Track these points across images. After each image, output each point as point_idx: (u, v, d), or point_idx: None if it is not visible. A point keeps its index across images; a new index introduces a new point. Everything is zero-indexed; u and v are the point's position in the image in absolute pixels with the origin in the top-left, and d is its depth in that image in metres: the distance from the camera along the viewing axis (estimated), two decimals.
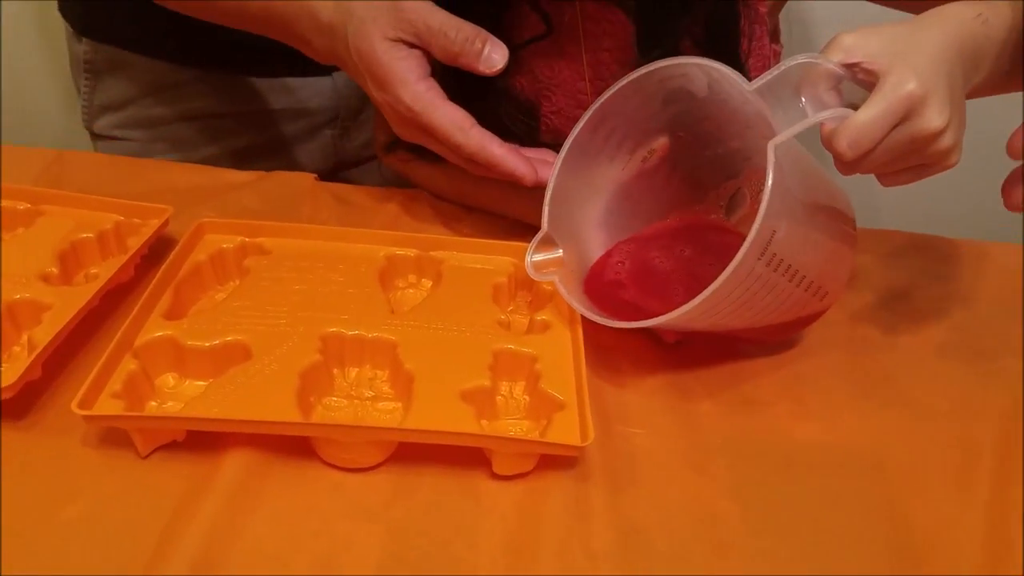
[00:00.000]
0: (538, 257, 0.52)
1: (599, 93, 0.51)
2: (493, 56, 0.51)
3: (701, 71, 0.48)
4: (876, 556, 0.41)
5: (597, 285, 0.54)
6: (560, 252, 0.52)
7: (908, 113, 0.42)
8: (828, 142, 0.43)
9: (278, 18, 0.57)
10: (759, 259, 0.43)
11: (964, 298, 0.62)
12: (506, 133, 0.55)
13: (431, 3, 0.53)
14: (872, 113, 0.42)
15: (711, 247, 0.56)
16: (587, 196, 0.56)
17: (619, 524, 0.41)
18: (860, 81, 0.44)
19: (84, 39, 0.77)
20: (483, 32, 0.51)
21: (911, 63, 0.43)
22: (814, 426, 0.49)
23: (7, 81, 1.15)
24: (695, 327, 0.49)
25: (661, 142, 0.56)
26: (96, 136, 0.82)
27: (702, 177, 0.57)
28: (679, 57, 0.48)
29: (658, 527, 0.41)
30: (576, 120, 0.52)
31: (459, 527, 0.40)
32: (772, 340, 0.55)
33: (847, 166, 0.44)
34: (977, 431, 0.49)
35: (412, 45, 0.53)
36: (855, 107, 0.43)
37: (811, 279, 0.48)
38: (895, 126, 0.43)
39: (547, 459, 0.43)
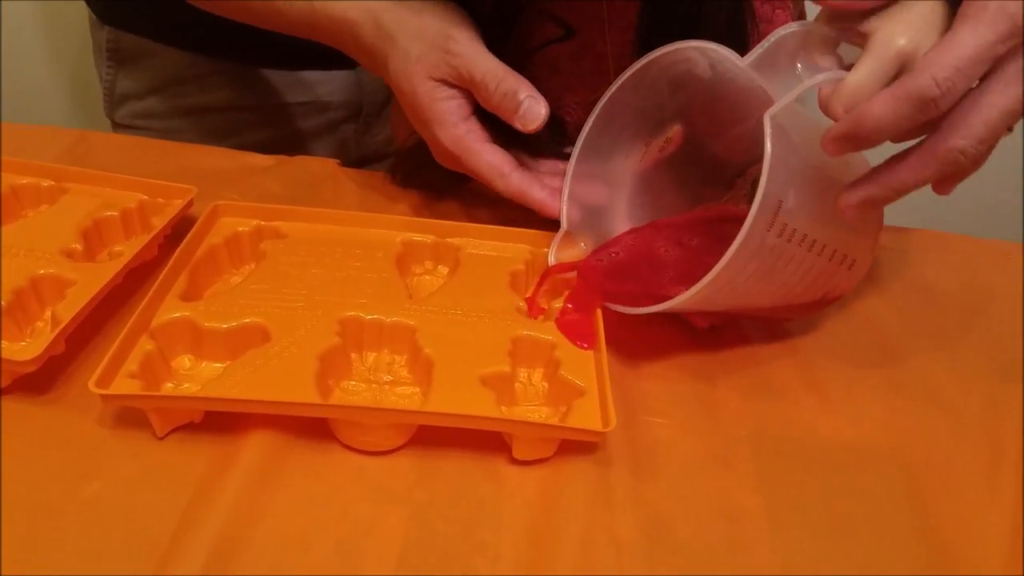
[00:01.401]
0: (562, 254, 0.51)
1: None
2: (530, 113, 0.51)
3: (700, 54, 0.48)
4: (901, 553, 0.41)
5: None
6: (583, 246, 0.52)
7: (900, 70, 0.41)
8: (825, 107, 0.42)
9: (322, 29, 0.57)
10: (768, 231, 0.42)
11: (987, 295, 0.61)
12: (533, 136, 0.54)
13: (480, 46, 0.52)
14: (862, 72, 0.40)
15: (725, 237, 0.56)
16: (607, 193, 0.56)
17: (643, 514, 0.41)
18: (855, 44, 0.43)
19: (107, 27, 0.77)
20: (525, 86, 0.51)
21: (901, 19, 0.41)
22: (839, 420, 0.48)
23: (11, 73, 1.14)
24: (720, 307, 0.48)
25: (675, 129, 0.55)
26: (116, 125, 0.82)
27: (726, 163, 0.57)
28: (674, 43, 0.48)
29: (682, 518, 0.41)
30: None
31: (482, 512, 0.40)
32: (808, 314, 0.54)
33: (852, 138, 0.41)
34: (1004, 428, 0.49)
35: (455, 86, 0.53)
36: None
37: (833, 248, 0.47)
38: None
39: (568, 446, 0.43)
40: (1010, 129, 0.41)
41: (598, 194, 0.56)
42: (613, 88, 0.52)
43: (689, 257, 0.54)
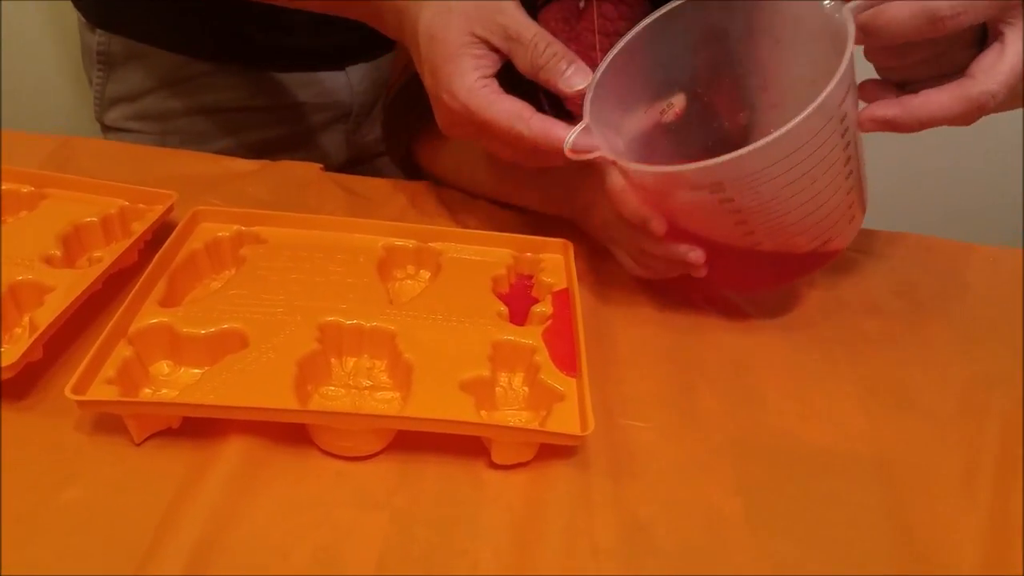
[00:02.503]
0: (578, 141, 0.49)
1: (606, 51, 0.50)
2: (575, 78, 0.50)
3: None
4: (879, 557, 0.41)
5: None
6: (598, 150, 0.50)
7: None
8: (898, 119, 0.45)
9: None
10: (840, 105, 0.43)
11: (969, 300, 0.62)
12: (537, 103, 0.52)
13: (527, 15, 0.51)
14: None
15: None
16: (614, 136, 0.55)
17: (623, 518, 0.41)
18: None
19: (97, 30, 0.76)
20: (570, 53, 0.50)
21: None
22: (818, 425, 0.48)
23: (14, 72, 1.14)
24: (763, 196, 0.45)
25: (678, 97, 0.54)
26: (107, 128, 0.82)
27: (727, 141, 0.56)
28: None
29: (662, 522, 0.41)
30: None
31: (462, 516, 0.40)
32: (809, 270, 0.54)
33: (898, 126, 0.45)
34: (981, 434, 0.49)
35: (493, 48, 0.51)
36: None
37: (853, 183, 0.47)
38: None
39: (547, 450, 0.43)
40: None
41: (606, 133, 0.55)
42: (640, 27, 0.50)
43: None
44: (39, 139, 0.67)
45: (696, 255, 0.50)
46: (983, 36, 0.45)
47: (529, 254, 0.56)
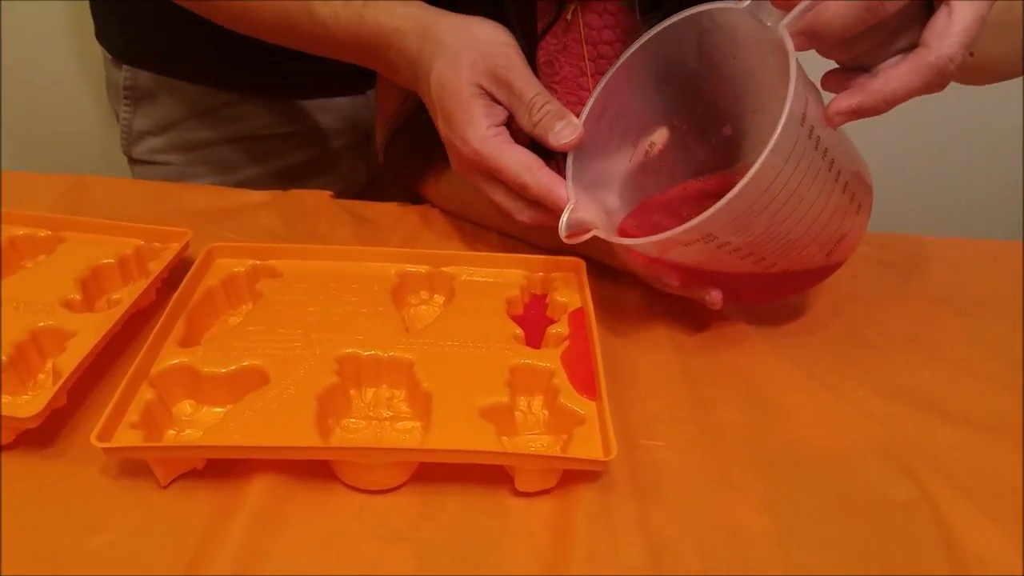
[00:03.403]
0: (572, 218, 0.51)
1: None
2: (563, 132, 0.51)
3: (691, 27, 0.49)
4: (921, 564, 0.41)
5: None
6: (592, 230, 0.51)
7: None
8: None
9: (365, 40, 0.57)
10: (801, 125, 0.43)
11: (977, 297, 0.62)
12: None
13: (528, 67, 0.53)
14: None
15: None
16: (602, 186, 0.56)
17: (649, 540, 0.41)
18: None
19: (124, 66, 0.78)
20: (564, 111, 0.52)
21: None
22: (841, 432, 0.48)
23: (44, 107, 1.15)
24: (757, 229, 0.46)
25: (661, 133, 0.56)
26: (134, 161, 0.83)
27: (712, 162, 0.57)
28: (664, 21, 0.49)
29: (690, 542, 0.41)
30: (577, 115, 0.52)
31: (487, 545, 0.40)
32: (820, 276, 0.53)
33: (866, 111, 0.44)
34: (1002, 431, 0.49)
35: (498, 101, 0.53)
36: None
37: (846, 178, 0.47)
38: None
39: (570, 475, 0.43)
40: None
41: (595, 186, 0.56)
42: (607, 77, 0.52)
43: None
44: (50, 180, 0.68)
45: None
46: (930, 5, 0.44)
47: (541, 274, 0.56)
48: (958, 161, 1.12)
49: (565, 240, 0.50)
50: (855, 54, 0.46)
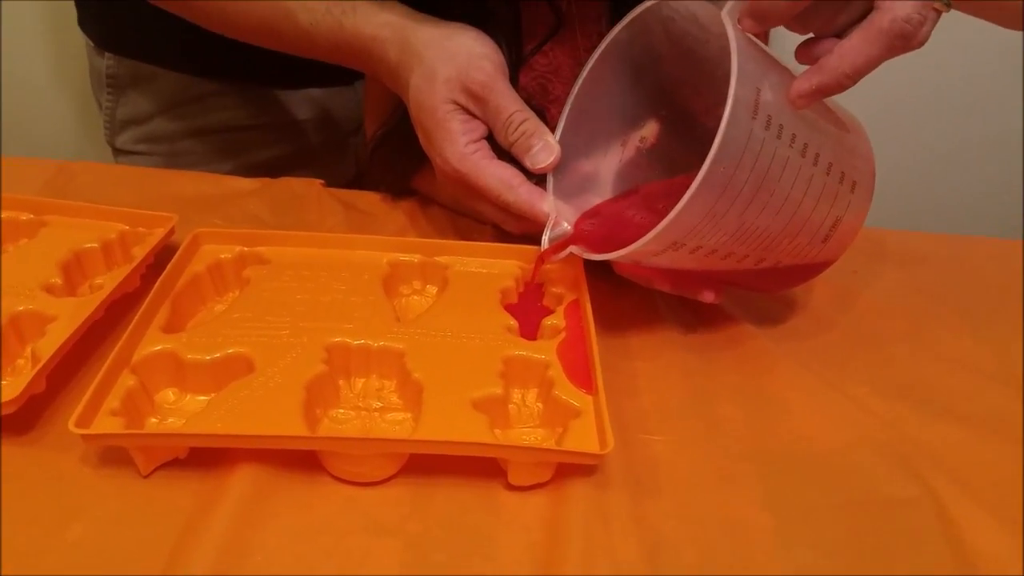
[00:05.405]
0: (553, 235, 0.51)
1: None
2: (540, 155, 0.51)
3: (653, 18, 0.48)
4: (921, 559, 0.40)
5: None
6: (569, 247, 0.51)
7: None
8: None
9: (347, 47, 0.56)
10: (753, 119, 0.41)
11: (976, 294, 0.61)
12: None
13: (506, 81, 0.52)
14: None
15: None
16: (592, 189, 0.55)
17: (645, 536, 0.39)
18: None
19: (106, 53, 0.76)
20: (541, 130, 0.51)
21: None
22: (842, 429, 0.47)
23: (22, 95, 1.13)
24: (727, 229, 0.44)
25: (650, 126, 0.55)
26: (118, 151, 0.81)
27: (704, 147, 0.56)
28: (625, 17, 0.48)
29: (687, 539, 0.40)
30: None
31: (479, 540, 0.39)
32: (822, 264, 0.51)
33: (829, 89, 0.42)
34: (1010, 433, 0.48)
35: (472, 115, 0.52)
36: None
37: (828, 160, 0.45)
38: None
39: (565, 469, 0.41)
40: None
41: (584, 190, 0.55)
42: (580, 81, 0.51)
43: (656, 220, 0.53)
44: (37, 164, 0.67)
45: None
46: None
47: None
48: (958, 161, 1.11)
49: (546, 260, 0.50)
50: (817, 26, 0.44)
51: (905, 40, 0.41)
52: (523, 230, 0.54)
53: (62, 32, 1.09)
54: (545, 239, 0.51)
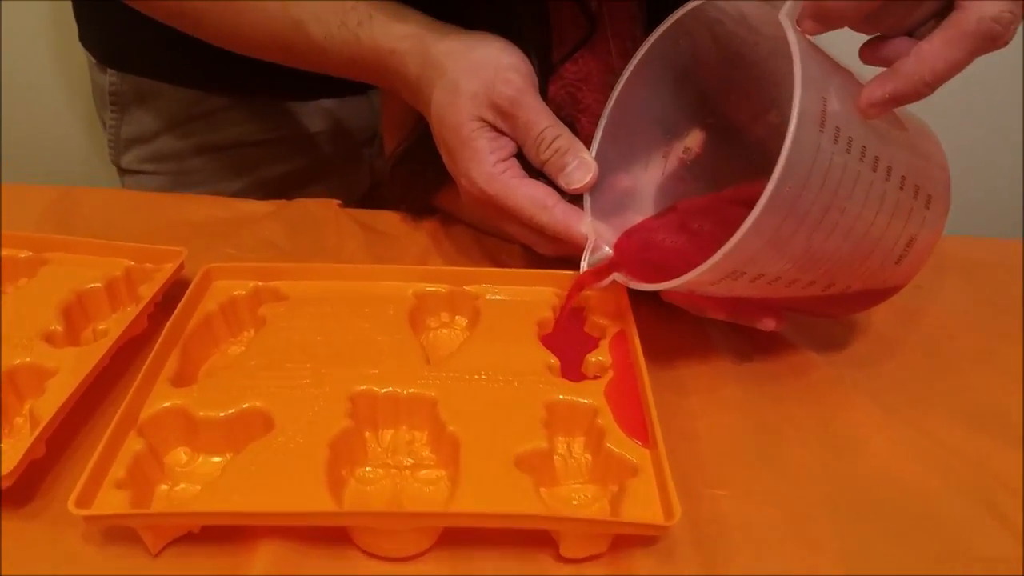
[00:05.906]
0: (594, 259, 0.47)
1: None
2: (576, 174, 0.47)
3: (696, 22, 0.44)
4: None
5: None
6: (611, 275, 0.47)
7: None
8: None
9: (364, 62, 0.52)
10: (820, 131, 0.36)
11: None
12: None
13: (535, 93, 0.48)
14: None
15: (734, 221, 0.51)
16: (632, 206, 0.51)
17: None
18: None
19: (109, 70, 0.72)
20: (576, 146, 0.47)
21: None
22: (924, 470, 0.42)
23: (26, 114, 1.10)
24: (792, 255, 0.40)
25: (695, 136, 0.51)
26: (123, 171, 0.78)
27: (759, 151, 0.51)
28: (665, 20, 0.44)
29: None
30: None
31: None
32: (895, 286, 0.47)
33: (906, 97, 0.37)
34: None
35: (500, 131, 0.48)
36: None
37: (901, 172, 0.41)
38: None
39: (623, 537, 0.37)
40: None
41: (623, 207, 0.51)
42: (619, 87, 0.47)
43: (689, 245, 0.48)
44: (36, 191, 0.63)
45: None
46: None
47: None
48: (958, 161, 1.07)
49: (586, 287, 0.46)
50: (888, 25, 0.39)
51: (992, 41, 0.36)
52: (558, 252, 0.50)
53: (67, 47, 1.05)
54: (584, 263, 0.46)
